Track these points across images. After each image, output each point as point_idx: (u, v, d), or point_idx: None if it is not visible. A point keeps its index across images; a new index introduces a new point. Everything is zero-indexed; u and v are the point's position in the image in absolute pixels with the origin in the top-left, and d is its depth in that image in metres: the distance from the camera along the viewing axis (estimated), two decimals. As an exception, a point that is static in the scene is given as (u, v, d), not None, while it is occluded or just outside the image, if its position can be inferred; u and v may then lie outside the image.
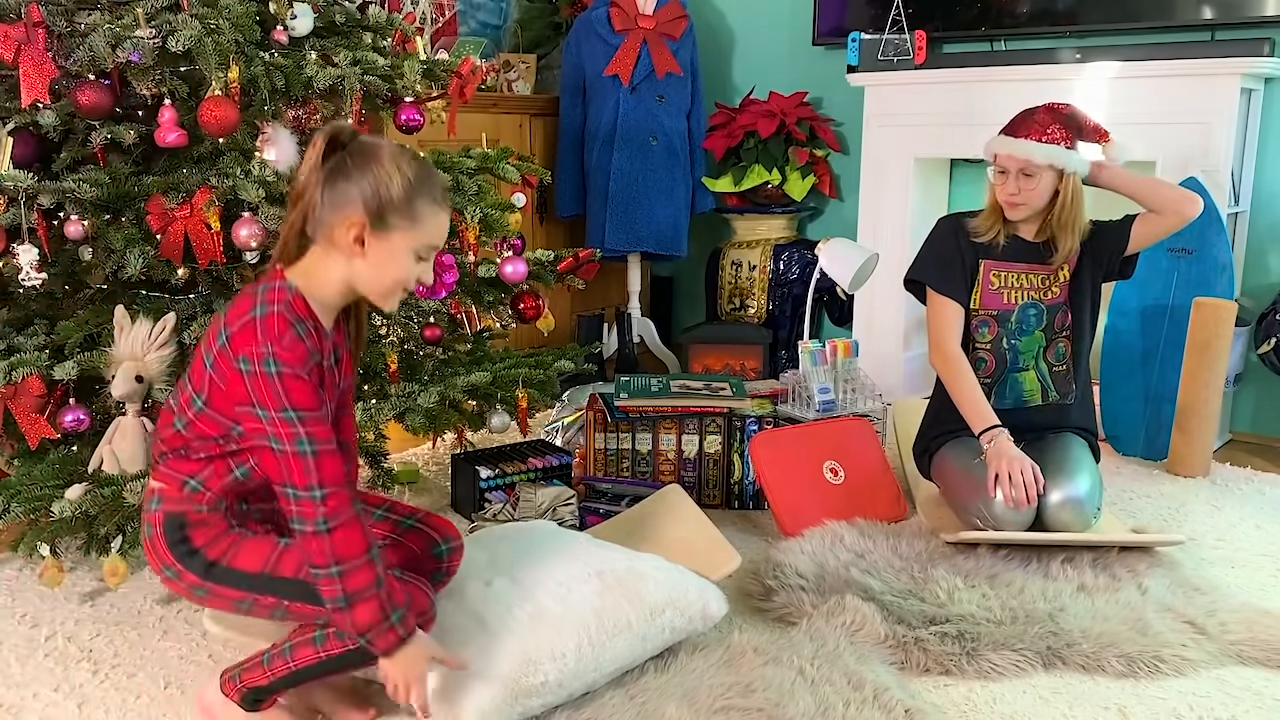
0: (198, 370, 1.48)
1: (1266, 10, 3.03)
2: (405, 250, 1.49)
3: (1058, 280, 2.42)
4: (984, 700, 1.76)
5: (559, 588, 1.72)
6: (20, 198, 2.00)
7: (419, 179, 1.48)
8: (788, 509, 2.40)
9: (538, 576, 1.74)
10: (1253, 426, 3.28)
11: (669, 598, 1.78)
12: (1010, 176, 2.32)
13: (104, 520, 1.97)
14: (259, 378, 1.39)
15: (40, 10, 2.04)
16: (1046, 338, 2.43)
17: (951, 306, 2.42)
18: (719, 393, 2.64)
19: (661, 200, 3.81)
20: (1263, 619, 1.97)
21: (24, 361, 2.02)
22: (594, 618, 1.69)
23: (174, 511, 1.52)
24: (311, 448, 1.40)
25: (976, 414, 2.33)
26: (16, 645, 1.93)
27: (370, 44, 2.37)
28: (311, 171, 1.47)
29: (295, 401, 1.40)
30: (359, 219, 1.45)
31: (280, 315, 1.43)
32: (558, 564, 1.78)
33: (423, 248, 1.51)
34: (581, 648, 1.65)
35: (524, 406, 2.54)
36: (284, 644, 1.55)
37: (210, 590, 1.52)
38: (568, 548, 1.85)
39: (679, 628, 1.80)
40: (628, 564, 1.82)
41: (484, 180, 2.41)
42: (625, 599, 1.74)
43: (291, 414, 1.40)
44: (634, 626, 1.72)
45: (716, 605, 1.85)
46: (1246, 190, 3.14)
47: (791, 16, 4.03)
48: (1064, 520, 2.22)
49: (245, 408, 1.42)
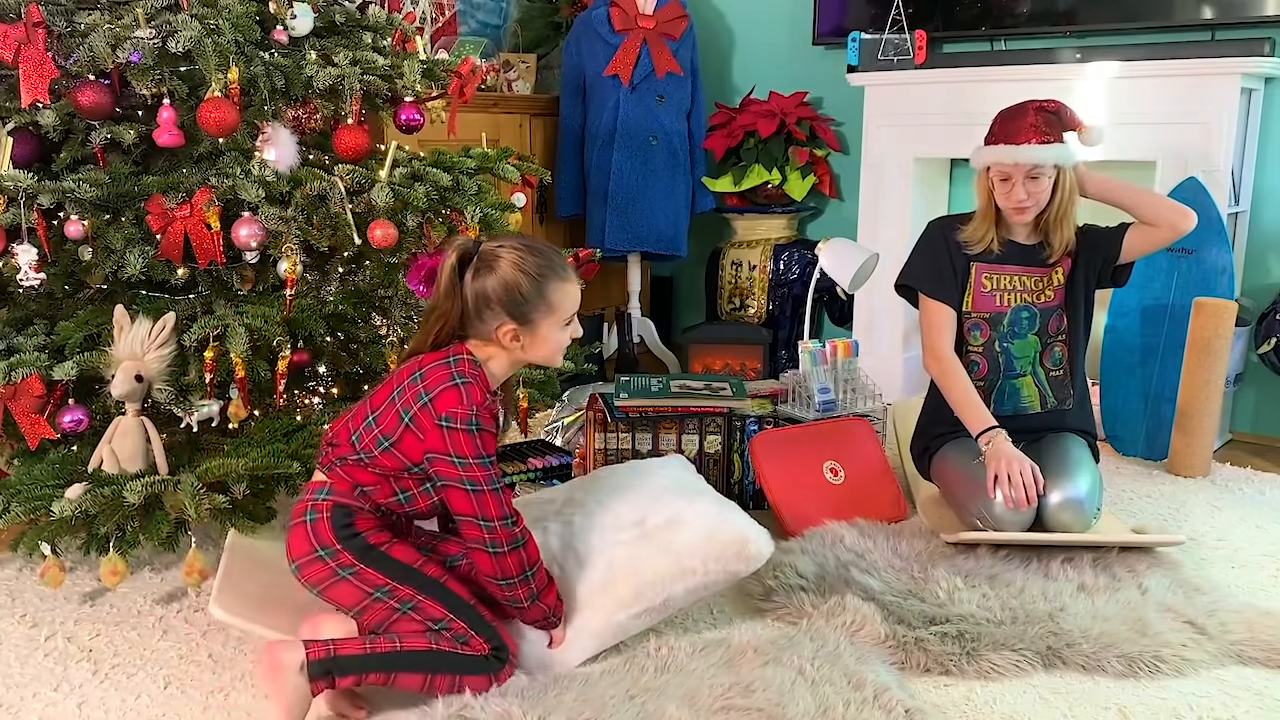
0: (391, 418, 1.74)
1: (1266, 10, 3.03)
2: (553, 328, 1.78)
3: (1052, 283, 2.41)
4: (984, 700, 1.76)
5: (599, 538, 1.92)
6: (20, 198, 2.00)
7: (540, 270, 1.75)
8: (788, 509, 2.40)
9: (591, 523, 1.96)
10: (1253, 426, 3.28)
11: (702, 546, 1.88)
12: (1016, 183, 2.30)
13: (104, 520, 1.97)
14: (460, 434, 1.69)
15: (40, 10, 2.03)
16: (1041, 342, 2.43)
17: (943, 310, 2.41)
18: (719, 393, 2.64)
19: (661, 200, 3.81)
20: (1263, 619, 1.97)
21: (24, 361, 2.02)
22: (622, 568, 1.86)
23: (343, 503, 1.75)
24: (497, 486, 1.72)
25: (974, 416, 2.33)
26: (16, 645, 1.93)
27: (370, 44, 2.36)
28: (447, 293, 1.75)
29: (488, 451, 1.72)
30: (509, 326, 1.75)
31: (478, 387, 1.73)
32: (611, 512, 1.97)
33: (567, 318, 1.80)
34: (605, 598, 1.83)
35: (524, 406, 2.54)
36: (390, 632, 1.70)
37: (359, 573, 1.71)
38: (631, 491, 2.02)
39: (713, 571, 1.88)
40: (674, 511, 1.94)
41: (484, 180, 2.41)
42: (656, 549, 1.87)
43: (486, 460, 1.71)
44: (662, 575, 1.85)
45: (757, 546, 1.91)
46: (1246, 190, 3.14)
47: (791, 16, 4.03)
48: (1064, 521, 2.22)
49: (440, 455, 1.70)
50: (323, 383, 2.41)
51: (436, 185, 2.24)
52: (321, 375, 2.39)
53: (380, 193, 2.11)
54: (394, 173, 2.20)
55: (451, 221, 2.30)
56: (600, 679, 1.75)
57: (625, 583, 1.85)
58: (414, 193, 2.16)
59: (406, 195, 2.15)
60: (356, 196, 2.14)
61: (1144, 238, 2.37)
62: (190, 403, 2.09)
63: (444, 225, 2.31)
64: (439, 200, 2.25)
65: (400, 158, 2.27)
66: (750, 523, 1.95)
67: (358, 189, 2.14)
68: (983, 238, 2.40)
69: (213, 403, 2.10)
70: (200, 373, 2.07)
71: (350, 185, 2.13)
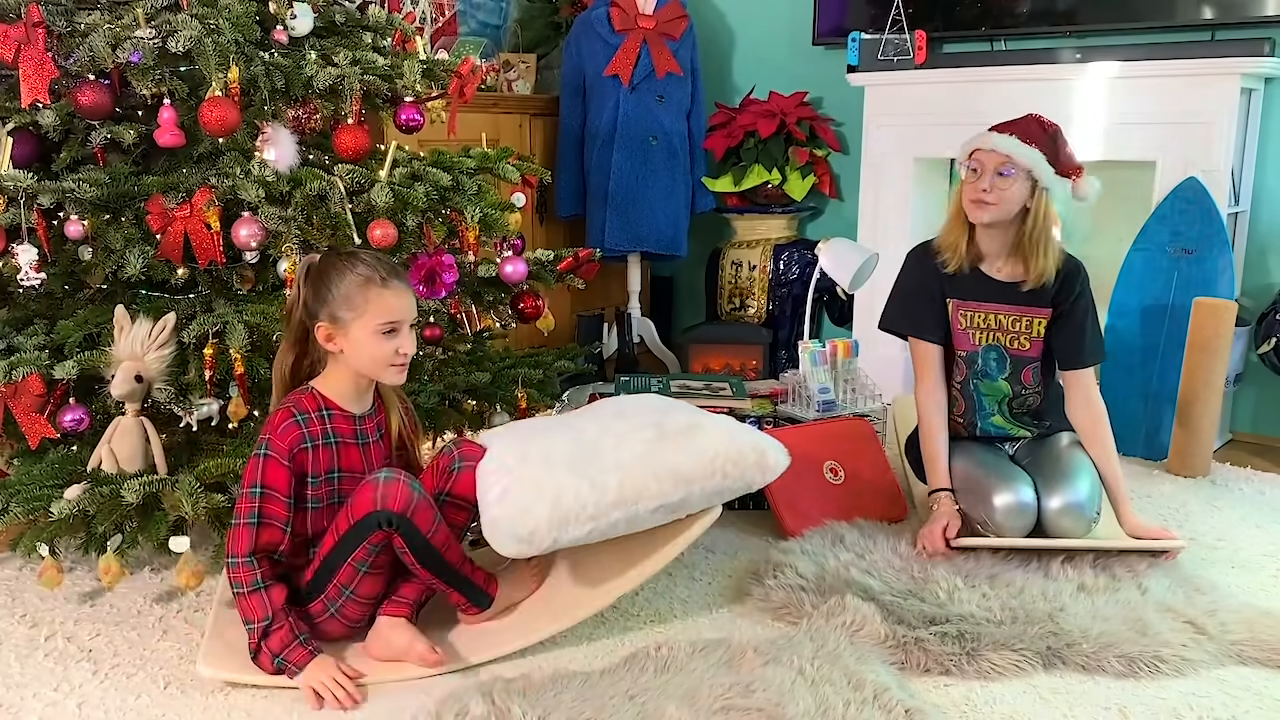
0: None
1: (1266, 10, 3.03)
2: (365, 332, 1.78)
3: (1030, 331, 2.33)
4: (984, 700, 1.76)
5: (615, 438, 1.90)
6: (20, 198, 2.00)
7: (357, 269, 1.79)
8: (788, 509, 2.40)
9: (605, 428, 1.94)
10: (1253, 426, 3.28)
11: (723, 449, 1.90)
12: (984, 174, 2.22)
13: (103, 520, 1.97)
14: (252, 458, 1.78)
15: (40, 10, 2.04)
16: (1012, 390, 2.37)
17: (925, 347, 2.38)
18: (719, 393, 2.64)
19: (661, 200, 3.80)
20: (1263, 619, 1.97)
21: (24, 361, 2.02)
22: (639, 461, 1.85)
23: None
24: (253, 520, 1.78)
25: (934, 470, 2.34)
26: (16, 645, 1.93)
27: (370, 44, 2.37)
28: (294, 304, 1.83)
29: (265, 480, 1.77)
30: (321, 323, 1.79)
31: (291, 409, 1.79)
32: (628, 420, 1.97)
33: (382, 325, 1.78)
34: (623, 484, 1.81)
35: (523, 406, 2.54)
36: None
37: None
38: (647, 408, 2.03)
39: (731, 474, 1.90)
40: (691, 418, 1.97)
41: (484, 180, 2.41)
42: (676, 448, 1.88)
43: (256, 489, 1.77)
44: (681, 470, 1.86)
45: (775, 457, 1.95)
46: (1246, 190, 3.14)
47: (791, 16, 4.03)
48: (1064, 526, 2.22)
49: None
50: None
51: (436, 185, 2.24)
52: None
53: (380, 193, 2.11)
54: (394, 173, 2.20)
55: (451, 221, 2.30)
56: (600, 679, 1.75)
57: (645, 475, 1.84)
58: (414, 193, 2.16)
59: (406, 195, 2.15)
60: (356, 196, 2.14)
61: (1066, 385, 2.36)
62: (190, 402, 2.09)
63: (444, 225, 2.31)
64: (439, 200, 2.25)
65: (400, 158, 2.27)
66: (765, 437, 1.99)
67: (358, 189, 2.14)
68: (954, 245, 2.31)
69: (212, 401, 2.10)
70: (200, 371, 2.07)
71: (350, 185, 2.13)
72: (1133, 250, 3.05)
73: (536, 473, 1.82)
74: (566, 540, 1.79)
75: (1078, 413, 2.35)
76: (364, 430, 1.88)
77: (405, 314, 1.81)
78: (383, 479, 1.74)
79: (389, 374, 1.83)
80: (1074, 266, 2.32)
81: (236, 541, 1.75)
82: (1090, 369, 2.36)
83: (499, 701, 1.64)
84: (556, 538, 1.78)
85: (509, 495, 1.80)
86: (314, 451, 1.81)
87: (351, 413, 1.87)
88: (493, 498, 1.81)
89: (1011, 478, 2.26)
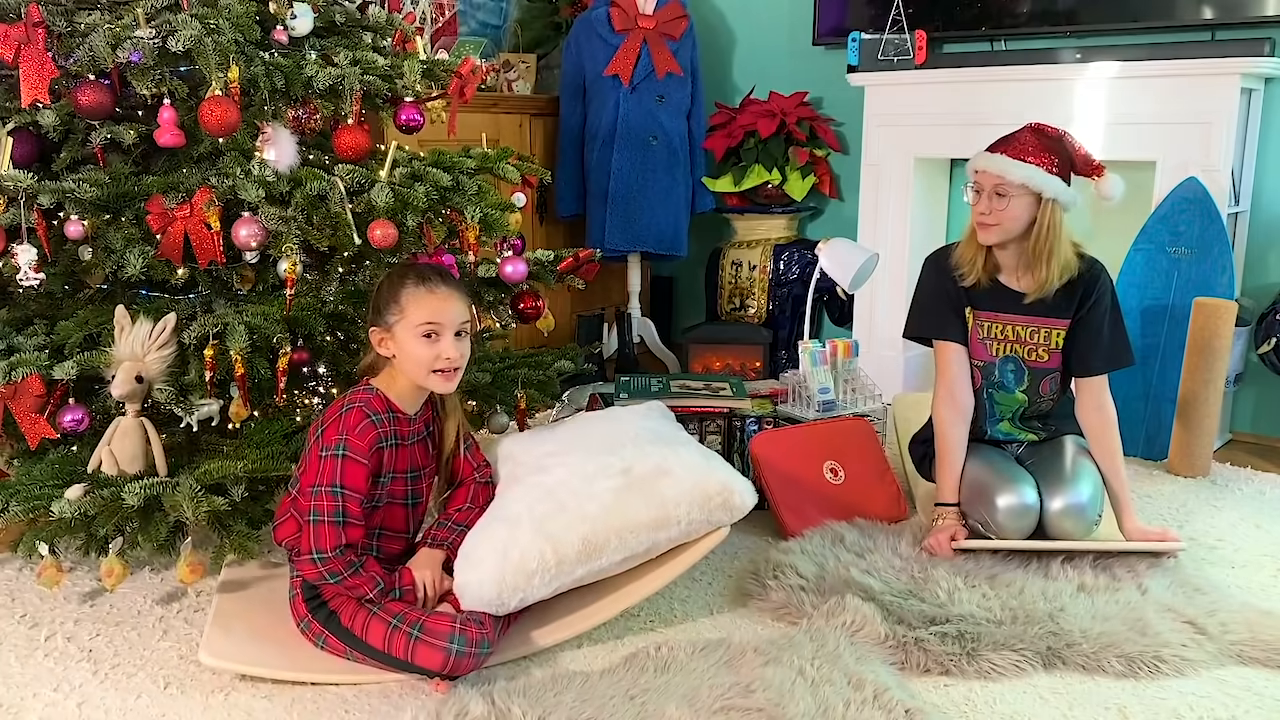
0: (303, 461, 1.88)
1: (1266, 10, 3.03)
2: (407, 334, 1.82)
3: (1048, 343, 2.31)
4: (984, 700, 1.76)
5: (583, 484, 1.94)
6: (20, 198, 2.00)
7: (403, 274, 1.86)
8: (788, 509, 2.40)
9: (570, 471, 1.97)
10: (1253, 426, 3.28)
11: (688, 495, 1.92)
12: (983, 195, 2.21)
13: (103, 521, 1.97)
14: (325, 460, 1.80)
15: (40, 10, 2.03)
16: (1029, 400, 2.36)
17: (948, 348, 2.36)
18: (719, 393, 2.64)
19: (661, 200, 3.80)
20: (1263, 619, 1.97)
21: (24, 361, 2.02)
22: (603, 514, 1.88)
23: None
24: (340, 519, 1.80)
25: (944, 485, 2.34)
26: (16, 645, 1.93)
27: (370, 44, 2.36)
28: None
29: (345, 482, 1.79)
30: (375, 329, 1.87)
31: (362, 410, 1.82)
32: (596, 459, 2.00)
33: (422, 327, 1.82)
34: (587, 540, 1.86)
35: (523, 407, 2.54)
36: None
37: (327, 640, 1.83)
38: (613, 440, 2.05)
39: (696, 520, 1.93)
40: (660, 459, 1.98)
41: (484, 180, 2.40)
42: (641, 498, 1.91)
43: (338, 489, 1.79)
44: (644, 521, 1.89)
45: (742, 497, 1.97)
46: (1246, 190, 3.14)
47: (791, 16, 4.03)
48: (1065, 528, 2.22)
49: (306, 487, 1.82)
50: (323, 383, 2.41)
51: (436, 185, 2.23)
52: (321, 375, 2.39)
53: (380, 193, 2.11)
54: (394, 173, 2.20)
55: (451, 221, 2.30)
56: (600, 679, 1.75)
57: (608, 531, 1.88)
58: (414, 193, 2.16)
59: (406, 195, 2.15)
60: (356, 196, 2.14)
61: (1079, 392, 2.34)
62: (190, 403, 2.09)
63: (444, 225, 2.31)
64: (439, 200, 2.25)
65: (400, 158, 2.26)
66: (734, 474, 2.01)
67: (358, 189, 2.14)
68: (971, 260, 2.30)
69: (213, 402, 2.10)
70: (200, 371, 2.07)
71: (350, 185, 2.13)
72: (1133, 250, 3.05)
73: (500, 534, 1.88)
74: (534, 598, 1.86)
75: (1089, 417, 2.34)
76: (414, 430, 1.94)
77: (445, 317, 1.84)
78: (455, 650, 1.73)
79: (432, 380, 1.86)
80: (1093, 274, 2.29)
81: (322, 538, 1.77)
82: (1104, 375, 2.33)
83: (499, 702, 1.64)
84: (523, 598, 1.85)
85: (473, 558, 1.87)
86: (384, 452, 1.86)
87: (407, 414, 1.92)
88: (460, 562, 1.88)
89: (1015, 478, 2.26)
